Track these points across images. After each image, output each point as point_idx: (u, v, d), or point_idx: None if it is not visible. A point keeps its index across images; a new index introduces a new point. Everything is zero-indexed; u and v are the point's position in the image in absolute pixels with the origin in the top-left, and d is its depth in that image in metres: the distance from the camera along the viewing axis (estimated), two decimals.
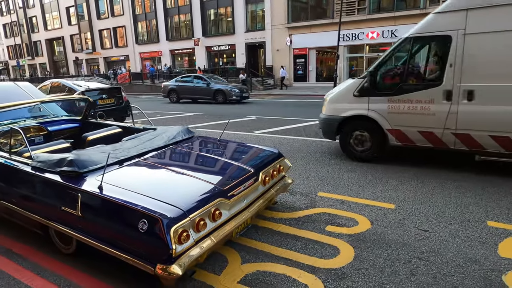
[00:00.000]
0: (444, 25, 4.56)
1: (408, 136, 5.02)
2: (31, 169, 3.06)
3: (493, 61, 4.31)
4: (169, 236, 2.18)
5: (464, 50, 4.42)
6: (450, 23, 4.50)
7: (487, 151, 4.56)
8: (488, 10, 4.24)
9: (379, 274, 2.58)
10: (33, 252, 3.14)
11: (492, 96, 4.36)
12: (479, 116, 4.43)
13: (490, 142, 4.46)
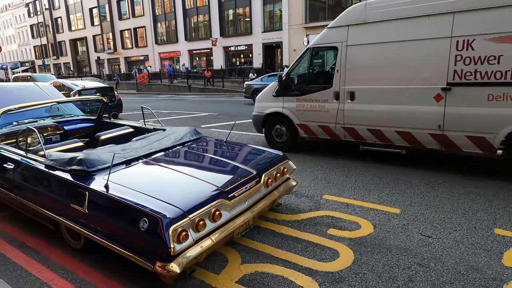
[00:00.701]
0: (333, 38, 5.54)
1: (312, 130, 6.04)
2: (45, 167, 3.21)
3: (366, 68, 5.25)
4: (168, 235, 2.25)
5: (346, 59, 5.36)
6: (336, 36, 5.47)
7: (367, 142, 5.50)
8: (362, 26, 5.19)
9: (376, 279, 2.57)
10: (46, 246, 3.30)
11: (367, 96, 5.29)
12: (359, 113, 5.36)
13: (368, 135, 5.41)
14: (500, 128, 4.32)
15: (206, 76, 26.52)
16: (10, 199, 3.69)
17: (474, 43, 4.34)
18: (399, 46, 4.93)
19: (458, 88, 4.52)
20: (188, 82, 28.22)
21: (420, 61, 4.79)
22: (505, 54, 4.17)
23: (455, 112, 4.58)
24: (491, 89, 4.31)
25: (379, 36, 5.07)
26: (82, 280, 2.73)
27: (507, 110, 4.23)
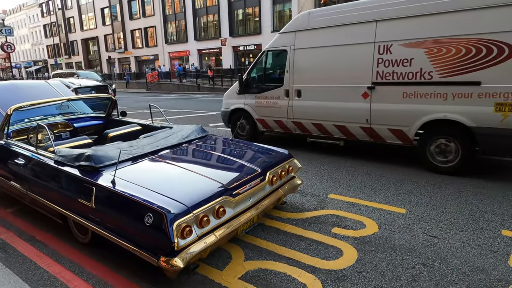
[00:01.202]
0: (283, 42, 6.26)
1: (268, 124, 6.77)
2: (54, 162, 3.28)
3: (310, 69, 5.96)
4: (172, 230, 2.29)
5: (294, 61, 6.10)
6: (286, 41, 6.20)
7: (312, 134, 6.20)
8: (306, 32, 5.90)
9: (379, 277, 2.57)
10: (54, 240, 3.37)
11: (311, 94, 5.98)
12: (305, 108, 6.07)
13: (312, 128, 6.10)
14: (413, 122, 4.95)
15: (209, 75, 26.65)
16: (20, 194, 3.78)
17: (391, 48, 4.99)
18: (335, 49, 5.61)
19: (380, 87, 5.18)
20: (197, 81, 28.36)
21: (351, 63, 5.44)
22: (415, 57, 4.79)
23: (378, 108, 5.23)
24: (405, 88, 4.95)
25: (319, 41, 5.79)
26: (89, 274, 2.78)
27: (418, 106, 4.87)
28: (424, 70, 4.78)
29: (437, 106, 4.73)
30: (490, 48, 4.29)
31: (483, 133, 4.43)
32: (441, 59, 4.65)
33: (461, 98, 4.55)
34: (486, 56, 4.33)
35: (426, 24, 4.71)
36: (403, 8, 4.88)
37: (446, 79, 4.64)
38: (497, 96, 4.30)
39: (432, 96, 4.76)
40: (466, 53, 4.45)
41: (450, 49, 4.56)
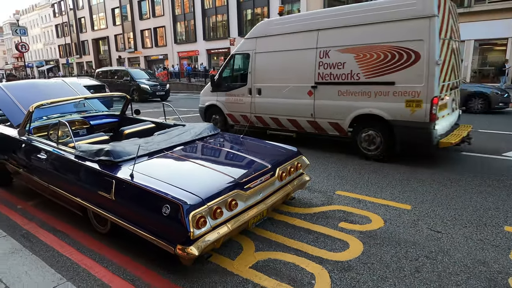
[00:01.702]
0: (247, 47, 7.17)
1: (236, 118, 7.63)
2: (74, 157, 3.47)
3: (268, 70, 6.87)
4: (188, 220, 2.44)
5: (255, 63, 6.99)
6: (249, 45, 7.11)
7: (271, 127, 7.07)
8: (265, 38, 6.84)
9: (384, 268, 2.69)
10: (74, 231, 3.56)
11: (269, 92, 6.88)
12: (264, 104, 6.97)
13: (271, 122, 7.00)
14: (346, 116, 5.82)
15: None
16: (42, 187, 3.98)
17: (329, 53, 5.88)
18: (287, 54, 6.52)
19: (321, 86, 6.08)
20: (206, 81, 28.61)
21: (299, 65, 6.33)
22: (347, 61, 5.67)
23: (320, 104, 6.12)
24: (340, 87, 5.83)
25: (275, 46, 6.71)
26: (109, 262, 2.96)
27: (350, 102, 5.74)
28: (353, 72, 5.66)
29: (364, 103, 5.59)
30: (402, 54, 5.11)
31: (398, 125, 5.29)
32: (366, 63, 5.50)
33: (381, 96, 5.41)
34: (398, 61, 5.16)
35: (354, 33, 5.57)
36: (337, 20, 5.82)
37: (369, 79, 5.49)
38: (407, 94, 5.14)
39: (360, 94, 5.63)
40: (384, 58, 5.29)
41: (372, 54, 5.40)
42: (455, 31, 5.79)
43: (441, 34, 5.04)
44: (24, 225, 3.73)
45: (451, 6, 5.50)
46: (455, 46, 5.76)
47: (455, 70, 5.79)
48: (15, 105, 4.89)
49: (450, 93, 5.67)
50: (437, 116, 5.08)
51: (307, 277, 2.63)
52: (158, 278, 2.71)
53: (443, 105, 5.39)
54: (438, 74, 4.95)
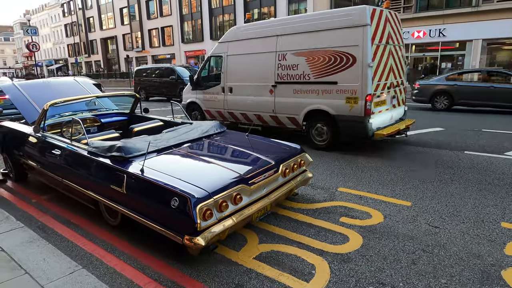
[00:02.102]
0: (220, 50, 7.98)
1: (212, 114, 8.48)
2: (87, 153, 3.64)
3: (237, 70, 7.69)
4: (195, 213, 2.59)
5: (227, 64, 7.81)
6: (222, 49, 7.93)
7: (241, 122, 7.85)
8: (235, 42, 7.65)
9: (381, 260, 2.81)
10: (87, 223, 3.74)
11: (238, 90, 7.69)
12: (235, 101, 7.78)
13: (241, 117, 7.83)
14: (301, 111, 6.65)
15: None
16: (56, 182, 4.17)
17: (286, 56, 6.70)
18: (253, 56, 7.34)
19: (280, 85, 6.91)
20: None
21: (262, 66, 7.13)
22: (300, 63, 6.48)
23: (279, 101, 6.97)
24: (294, 86, 6.66)
25: (243, 49, 7.50)
26: (120, 252, 3.12)
27: (303, 99, 6.58)
28: (305, 73, 6.47)
29: (314, 100, 6.42)
30: (342, 57, 5.92)
31: (340, 119, 6.12)
32: (314, 65, 6.32)
33: (327, 94, 6.24)
34: (339, 63, 5.97)
35: (305, 39, 6.40)
36: (293, 27, 6.64)
37: (318, 79, 6.31)
38: (347, 92, 5.94)
39: (310, 92, 6.46)
40: (328, 61, 6.11)
41: (319, 57, 6.22)
42: (395, 37, 6.50)
43: (375, 40, 5.81)
44: (39, 218, 3.92)
45: (390, 16, 6.29)
46: (395, 50, 6.50)
47: (394, 71, 6.54)
48: (29, 104, 5.10)
49: (389, 91, 6.38)
50: (372, 111, 5.86)
51: (308, 267, 2.76)
52: (167, 267, 2.87)
53: (380, 101, 6.14)
54: (371, 74, 5.71)
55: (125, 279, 2.71)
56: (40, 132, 4.49)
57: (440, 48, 20.88)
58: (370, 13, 5.70)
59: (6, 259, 2.82)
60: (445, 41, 20.56)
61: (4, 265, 2.74)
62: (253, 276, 2.69)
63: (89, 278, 2.57)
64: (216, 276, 2.71)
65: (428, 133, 7.76)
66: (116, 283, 2.65)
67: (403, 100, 7.05)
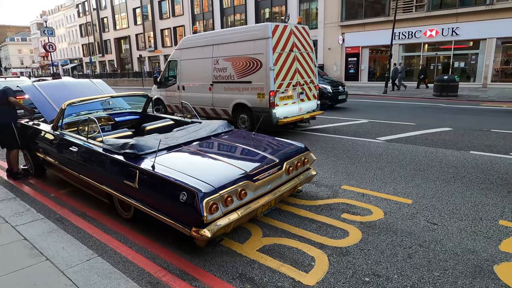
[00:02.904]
0: (176, 55, 9.97)
1: (172, 108, 10.37)
2: (102, 150, 3.87)
3: (187, 72, 9.63)
4: (202, 206, 2.77)
5: (181, 67, 9.79)
6: (177, 55, 9.92)
7: (200, 114, 8.99)
8: (185, 49, 9.60)
9: (378, 254, 2.95)
10: (101, 216, 3.97)
11: (189, 88, 9.67)
12: (187, 97, 9.43)
13: (197, 109, 9.19)
14: (229, 104, 8.48)
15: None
16: (72, 177, 4.42)
17: (219, 61, 8.55)
18: (197, 61, 9.25)
19: (215, 84, 8.80)
20: None
21: (203, 69, 9.00)
22: (227, 67, 8.35)
23: (215, 97, 8.76)
24: (225, 85, 8.54)
25: (190, 55, 9.45)
26: (132, 243, 3.33)
27: (230, 95, 8.42)
28: (231, 74, 8.30)
29: (237, 95, 8.25)
30: (254, 62, 7.72)
31: (254, 110, 7.90)
32: (237, 68, 8.13)
33: (245, 90, 8.04)
34: (252, 67, 7.76)
35: (231, 47, 8.25)
36: (223, 38, 8.51)
37: (239, 79, 8.13)
38: (257, 89, 7.74)
39: (235, 89, 8.29)
40: (245, 65, 7.92)
41: (240, 62, 8.02)
42: (301, 46, 8.18)
43: (277, 49, 7.52)
44: (58, 210, 4.17)
45: (295, 29, 8.03)
46: (301, 56, 8.18)
47: (301, 72, 8.20)
48: (48, 103, 5.37)
49: (294, 88, 8.06)
50: (276, 103, 7.62)
51: (308, 259, 2.92)
52: (175, 257, 3.07)
53: (286, 96, 7.88)
54: (273, 75, 7.48)
55: (137, 267, 2.91)
56: (58, 130, 4.75)
57: (453, 47, 20.65)
58: (272, 29, 7.44)
59: (29, 247, 3.06)
60: (458, 40, 20.33)
61: (27, 252, 2.98)
62: (256, 266, 2.86)
63: (104, 265, 2.78)
64: (222, 266, 2.89)
65: (435, 133, 7.79)
66: (129, 270, 2.86)
67: (314, 95, 8.68)
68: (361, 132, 8.17)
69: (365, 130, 8.40)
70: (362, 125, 9.13)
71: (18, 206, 4.07)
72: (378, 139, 7.31)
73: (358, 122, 9.52)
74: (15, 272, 2.68)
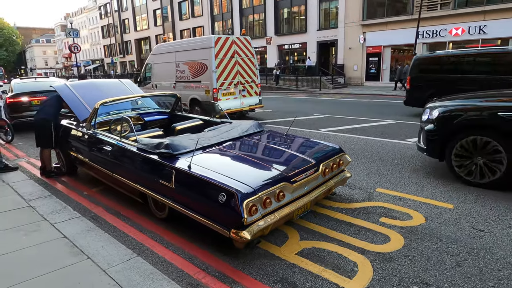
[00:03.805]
0: (151, 60, 12.43)
1: None
2: (136, 149, 3.88)
3: (158, 74, 12.03)
4: (242, 208, 2.72)
5: (154, 69, 12.21)
6: (151, 59, 12.36)
7: None
8: (157, 55, 12.11)
9: (425, 261, 2.82)
10: (135, 215, 3.98)
11: (160, 87, 11.87)
12: None
13: None
14: (187, 99, 10.55)
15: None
16: (105, 176, 4.46)
17: (179, 64, 10.83)
18: (165, 64, 11.61)
19: (177, 83, 11.11)
20: None
21: (169, 71, 11.36)
22: (185, 69, 10.65)
23: (179, 92, 8.75)
24: (183, 84, 10.78)
25: (160, 60, 11.89)
26: (168, 243, 3.32)
27: (188, 92, 10.60)
28: (188, 75, 10.62)
29: (192, 92, 10.50)
30: (202, 66, 10.03)
31: (203, 103, 10.02)
32: (192, 70, 10.44)
33: (197, 88, 10.30)
34: (201, 69, 10.09)
35: (187, 54, 10.62)
36: (182, 46, 11.01)
37: (193, 79, 10.40)
38: (205, 87, 9.99)
39: (190, 87, 10.55)
40: (196, 68, 10.24)
41: (193, 66, 10.35)
42: (242, 52, 10.37)
43: (219, 56, 9.78)
44: (92, 209, 4.22)
45: (237, 40, 10.31)
46: (242, 61, 10.39)
47: (242, 74, 10.42)
48: (80, 103, 5.46)
49: (236, 86, 10.26)
50: (219, 98, 9.82)
51: (350, 265, 2.83)
52: (213, 258, 3.03)
53: (228, 93, 10.12)
54: (215, 76, 9.74)
55: (176, 268, 2.89)
56: (91, 130, 4.81)
57: (480, 46, 19.95)
58: (215, 40, 9.77)
59: (69, 245, 3.09)
60: (485, 38, 19.63)
61: (67, 250, 3.00)
62: (297, 270, 2.79)
63: (145, 265, 2.77)
64: (261, 269, 2.83)
65: None
66: (168, 271, 2.84)
67: (256, 92, 10.90)
68: (389, 133, 7.96)
69: (393, 131, 8.19)
70: (389, 126, 8.91)
71: (55, 204, 4.14)
72: (407, 140, 7.10)
73: (385, 123, 9.30)
74: (59, 270, 2.70)
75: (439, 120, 4.61)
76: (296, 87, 24.57)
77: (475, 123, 4.32)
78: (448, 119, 4.56)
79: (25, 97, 9.76)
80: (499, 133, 4.08)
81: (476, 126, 4.31)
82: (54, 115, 5.43)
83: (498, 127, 4.08)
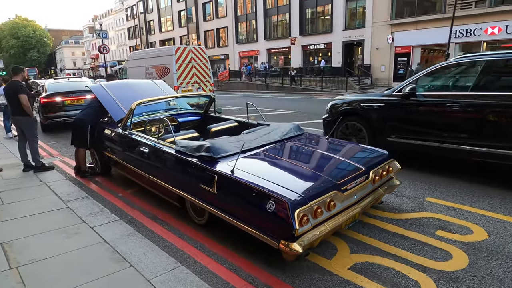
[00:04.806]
0: (126, 64, 15.48)
1: None
2: (175, 151, 3.75)
3: (132, 75, 14.35)
4: (294, 218, 2.51)
5: (129, 73, 14.85)
6: (127, 64, 15.48)
7: None
8: (131, 61, 15.12)
9: (497, 283, 2.53)
10: (173, 220, 3.86)
11: None
12: None
13: None
14: None
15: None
16: (141, 177, 4.37)
17: (148, 68, 13.31)
18: (137, 68, 13.89)
19: None
20: (266, 80, 28.97)
21: (140, 73, 13.31)
22: (153, 72, 13.04)
23: None
24: None
25: (133, 64, 14.44)
26: (210, 251, 3.16)
27: None
28: (155, 76, 12.09)
29: None
30: (166, 69, 12.34)
31: None
32: (158, 72, 12.59)
33: None
34: (166, 72, 12.35)
35: (155, 60, 13.02)
36: (151, 53, 13.88)
37: None
38: (179, 87, 12.19)
39: None
40: (163, 71, 12.47)
41: (160, 69, 12.57)
42: (197, 58, 12.67)
43: (179, 61, 12.10)
44: (128, 212, 4.13)
45: (193, 49, 12.66)
46: (198, 65, 12.69)
47: (198, 75, 12.69)
48: (115, 103, 5.42)
49: (193, 84, 12.54)
50: None
51: (412, 284, 2.57)
52: (258, 269, 2.84)
53: (186, 90, 12.20)
54: (176, 77, 11.98)
55: (221, 279, 2.72)
56: (127, 130, 4.75)
57: None
58: (175, 49, 12.19)
59: (110, 251, 2.99)
60: None
61: (110, 256, 2.90)
62: None
63: (189, 276, 2.62)
64: (312, 285, 2.63)
65: None
66: (213, 282, 2.67)
67: (210, 89, 12.93)
68: None
69: None
70: None
71: (92, 205, 4.09)
72: None
73: None
74: (104, 277, 2.60)
75: (330, 109, 6.40)
76: (321, 88, 24.14)
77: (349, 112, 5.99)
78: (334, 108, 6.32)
79: (59, 97, 9.96)
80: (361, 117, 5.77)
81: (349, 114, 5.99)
82: (92, 119, 5.41)
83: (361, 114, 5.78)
